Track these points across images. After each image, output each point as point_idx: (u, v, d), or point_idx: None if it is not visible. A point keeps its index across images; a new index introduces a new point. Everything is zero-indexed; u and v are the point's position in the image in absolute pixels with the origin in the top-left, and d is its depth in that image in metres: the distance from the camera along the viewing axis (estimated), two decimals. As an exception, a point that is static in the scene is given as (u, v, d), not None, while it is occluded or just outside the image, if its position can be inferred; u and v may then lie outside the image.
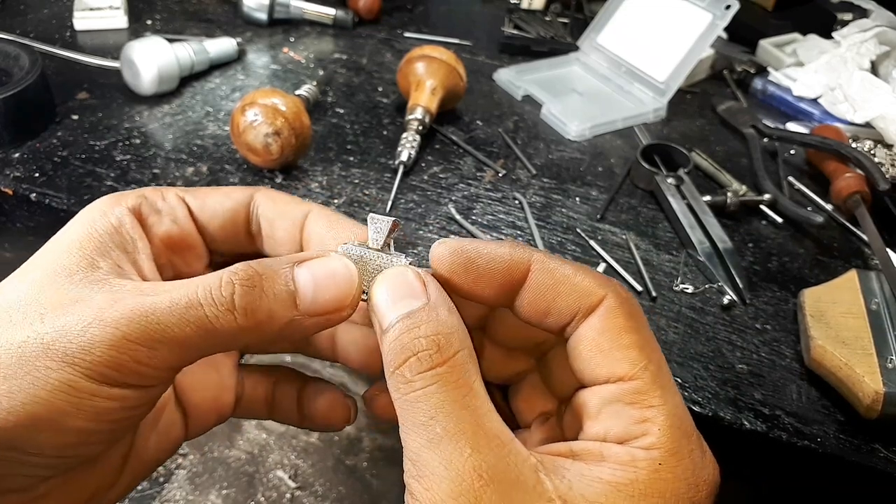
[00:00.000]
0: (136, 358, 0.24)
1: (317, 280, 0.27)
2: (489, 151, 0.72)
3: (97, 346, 0.24)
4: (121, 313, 0.24)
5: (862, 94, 0.80)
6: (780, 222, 0.66)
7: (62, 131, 0.66)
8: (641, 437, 0.26)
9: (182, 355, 0.26)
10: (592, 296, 0.28)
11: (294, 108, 0.61)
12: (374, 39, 0.93)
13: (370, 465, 1.39)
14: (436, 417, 0.25)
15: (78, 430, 0.24)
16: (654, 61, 0.82)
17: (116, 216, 0.30)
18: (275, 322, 0.26)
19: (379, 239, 0.30)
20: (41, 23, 0.85)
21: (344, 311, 0.28)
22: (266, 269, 0.27)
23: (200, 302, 0.25)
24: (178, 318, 0.25)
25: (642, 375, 0.27)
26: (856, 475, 0.46)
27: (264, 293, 0.26)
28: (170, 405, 0.33)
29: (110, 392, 0.24)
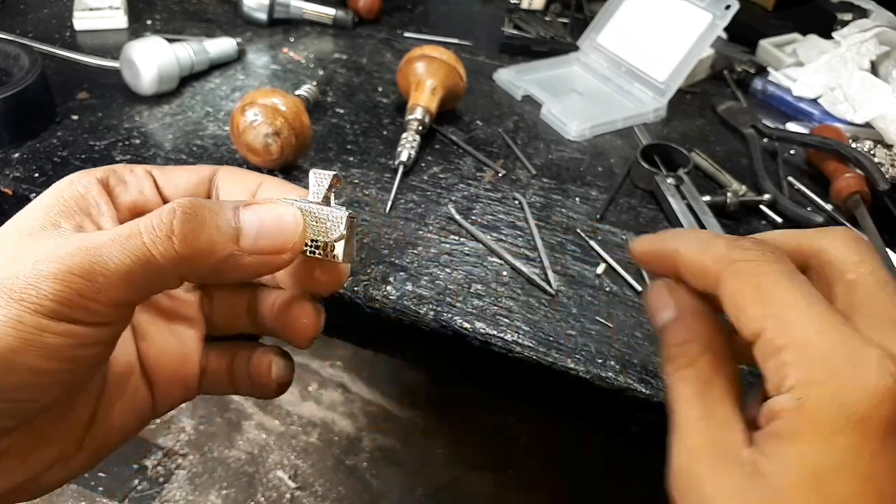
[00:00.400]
0: (81, 291, 0.25)
1: (261, 220, 0.28)
2: (489, 151, 0.72)
3: (42, 281, 0.24)
4: (66, 250, 0.25)
5: (862, 94, 0.80)
6: (780, 222, 0.66)
7: (62, 131, 0.66)
8: (782, 383, 0.26)
9: (125, 289, 0.26)
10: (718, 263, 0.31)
11: (294, 108, 0.61)
12: (374, 39, 0.93)
13: (370, 465, 1.40)
14: (676, 405, 0.30)
15: (29, 369, 0.25)
16: (654, 61, 0.82)
17: (84, 184, 0.31)
18: (214, 253, 0.27)
19: (319, 192, 0.31)
20: (41, 23, 0.85)
21: (284, 254, 0.29)
22: (211, 204, 0.28)
23: (140, 231, 0.26)
24: (119, 249, 0.26)
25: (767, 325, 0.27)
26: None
27: (206, 223, 0.27)
28: (135, 375, 0.34)
29: (58, 327, 0.25)
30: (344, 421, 1.46)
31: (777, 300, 0.27)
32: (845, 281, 0.29)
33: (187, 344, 0.36)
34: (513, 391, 0.53)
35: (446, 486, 1.36)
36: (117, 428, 0.33)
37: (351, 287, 0.52)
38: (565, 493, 1.37)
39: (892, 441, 0.25)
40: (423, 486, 1.36)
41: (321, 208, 0.31)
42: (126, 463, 1.34)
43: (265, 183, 0.35)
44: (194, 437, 1.41)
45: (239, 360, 0.37)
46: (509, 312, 0.52)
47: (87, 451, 0.31)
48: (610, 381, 0.47)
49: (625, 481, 1.37)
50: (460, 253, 0.57)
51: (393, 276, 0.53)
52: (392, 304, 0.51)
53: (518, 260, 0.57)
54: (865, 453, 0.24)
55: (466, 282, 0.54)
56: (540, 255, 0.58)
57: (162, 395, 0.35)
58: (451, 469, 1.38)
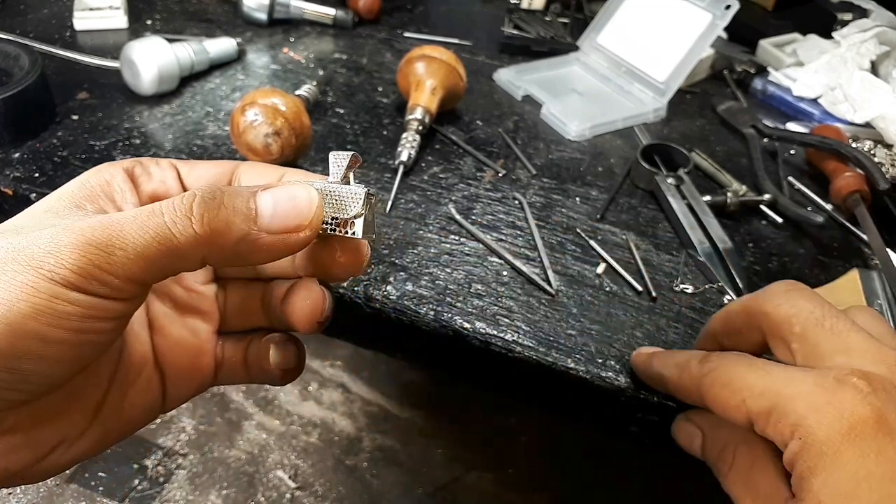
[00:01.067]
0: (97, 263, 0.25)
1: (277, 201, 0.29)
2: (489, 151, 0.72)
3: (61, 250, 0.25)
4: (87, 223, 0.26)
5: (862, 94, 0.80)
6: (780, 222, 0.66)
7: (62, 131, 0.66)
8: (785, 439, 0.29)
9: (142, 266, 0.26)
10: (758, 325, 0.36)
11: (294, 108, 0.61)
12: (374, 39, 0.93)
13: (370, 465, 1.40)
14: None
15: (39, 336, 0.25)
16: (654, 61, 0.82)
17: (110, 173, 0.32)
18: (232, 233, 0.27)
19: (339, 173, 0.32)
20: (41, 23, 0.85)
21: (302, 232, 0.29)
22: (229, 188, 0.29)
23: (161, 211, 0.27)
24: (139, 226, 0.26)
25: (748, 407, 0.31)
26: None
27: (224, 205, 0.28)
28: (148, 366, 0.34)
29: (72, 296, 0.25)
30: (344, 421, 1.46)
31: (745, 386, 0.32)
32: (794, 335, 0.33)
33: (202, 337, 0.36)
34: (513, 391, 0.53)
35: (446, 486, 1.36)
36: (126, 417, 0.33)
37: (351, 287, 0.52)
38: (565, 493, 1.37)
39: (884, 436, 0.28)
40: (423, 486, 1.36)
41: (340, 187, 0.31)
42: (126, 463, 1.34)
43: (287, 174, 0.36)
44: (194, 437, 1.41)
45: (252, 349, 0.38)
46: (509, 312, 0.52)
47: (93, 436, 0.31)
48: (610, 381, 0.47)
49: (625, 481, 1.37)
50: (460, 253, 0.57)
51: (393, 276, 0.53)
52: (392, 304, 0.51)
53: (518, 260, 0.57)
54: (870, 456, 0.27)
55: (466, 282, 0.54)
56: (540, 254, 0.58)
57: (174, 388, 0.35)
58: (451, 469, 1.38)
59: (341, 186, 0.31)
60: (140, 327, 0.34)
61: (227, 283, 0.38)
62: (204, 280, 0.37)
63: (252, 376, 0.38)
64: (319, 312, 0.34)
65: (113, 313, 0.27)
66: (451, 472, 1.38)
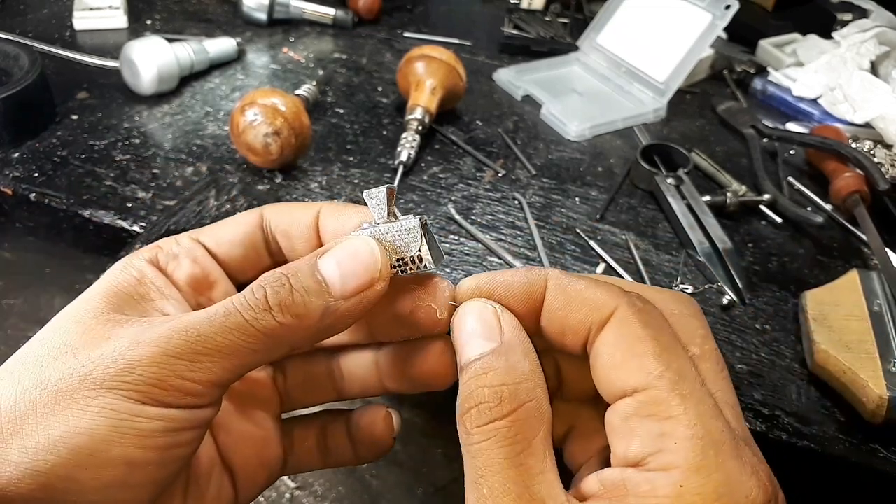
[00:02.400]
0: (179, 373, 0.24)
1: (340, 263, 0.27)
2: (489, 151, 0.72)
3: (137, 367, 0.23)
4: (159, 333, 0.24)
5: (862, 94, 0.80)
6: (780, 222, 0.66)
7: (62, 131, 0.66)
8: (658, 454, 0.23)
9: (226, 366, 0.25)
10: (603, 308, 0.27)
11: (294, 108, 0.60)
12: (373, 39, 0.93)
13: (370, 466, 1.39)
14: (484, 476, 0.24)
15: (125, 461, 0.23)
16: (654, 61, 0.82)
17: (137, 268, 0.30)
18: (312, 312, 0.26)
19: (382, 210, 0.30)
20: (41, 23, 0.85)
21: (376, 286, 0.28)
22: (290, 269, 0.27)
23: (237, 309, 0.25)
24: (220, 327, 0.25)
25: (657, 384, 0.24)
26: (856, 475, 0.46)
27: (294, 289, 0.26)
28: (216, 468, 0.32)
29: (153, 412, 0.24)
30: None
31: (677, 361, 0.25)
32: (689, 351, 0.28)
33: (265, 426, 0.34)
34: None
35: (446, 486, 1.36)
36: None
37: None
38: (565, 493, 1.37)
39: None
40: (423, 486, 1.36)
41: (391, 226, 0.29)
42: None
43: (321, 214, 0.33)
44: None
45: (333, 431, 0.35)
46: (509, 312, 0.51)
47: None
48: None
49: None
50: (460, 253, 0.57)
51: (393, 276, 0.53)
52: (392, 304, 0.51)
53: (518, 260, 0.57)
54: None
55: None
56: (539, 254, 0.58)
57: (245, 485, 0.33)
58: (451, 469, 1.38)
59: (392, 225, 0.29)
60: None
61: (284, 363, 0.36)
62: (257, 368, 0.34)
63: (331, 459, 0.36)
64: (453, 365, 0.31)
65: (197, 422, 0.26)
66: (451, 472, 1.38)
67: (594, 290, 0.27)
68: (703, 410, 0.24)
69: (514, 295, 0.28)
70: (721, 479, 0.22)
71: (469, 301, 0.29)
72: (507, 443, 0.24)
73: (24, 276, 1.32)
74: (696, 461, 0.23)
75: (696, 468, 0.23)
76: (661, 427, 0.24)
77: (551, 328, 0.28)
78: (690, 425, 0.23)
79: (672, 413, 0.24)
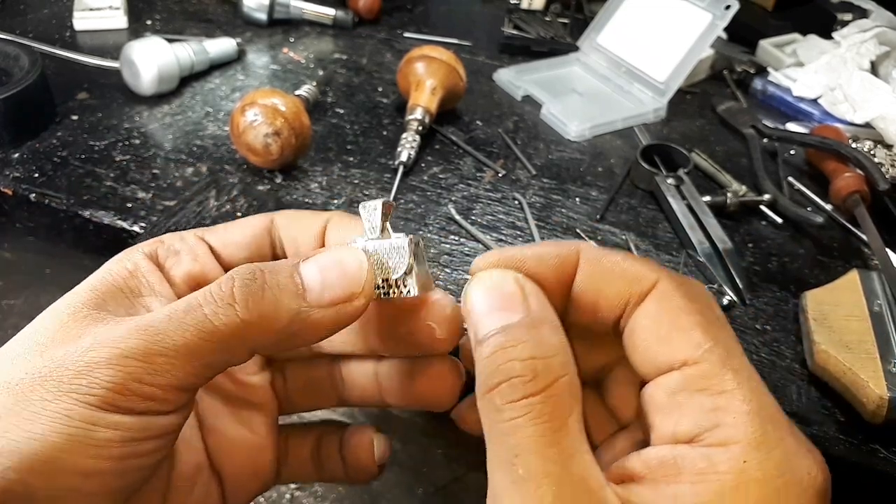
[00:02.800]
0: (137, 376, 0.22)
1: (323, 270, 0.26)
2: (489, 151, 0.72)
3: (94, 369, 0.22)
4: (118, 333, 0.23)
5: (862, 94, 0.80)
6: (780, 222, 0.66)
7: (62, 131, 0.66)
8: (715, 430, 0.22)
9: (186, 369, 0.23)
10: (644, 280, 0.25)
11: (294, 108, 0.60)
12: (374, 39, 0.93)
13: (370, 466, 1.39)
14: (520, 455, 0.22)
15: (77, 471, 0.22)
16: (654, 61, 0.82)
17: (133, 261, 0.29)
18: (281, 314, 0.24)
19: (375, 225, 0.28)
20: (41, 23, 0.85)
21: (356, 301, 0.26)
22: (268, 265, 0.26)
23: (199, 303, 0.24)
24: (177, 324, 0.23)
25: (708, 358, 0.23)
26: (856, 475, 0.46)
27: (267, 285, 0.25)
28: (203, 474, 0.31)
29: (110, 419, 0.22)
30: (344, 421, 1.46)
31: (724, 335, 0.24)
32: None
33: (259, 432, 0.32)
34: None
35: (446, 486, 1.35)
36: None
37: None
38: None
39: None
40: (423, 486, 1.36)
41: (381, 243, 0.27)
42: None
43: (330, 224, 0.31)
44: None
45: (327, 444, 0.34)
46: (509, 312, 0.51)
47: None
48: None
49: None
50: (460, 253, 0.57)
51: (393, 277, 0.53)
52: (392, 305, 0.51)
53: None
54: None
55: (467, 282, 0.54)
56: (540, 255, 0.58)
57: (234, 493, 0.31)
58: (451, 469, 1.38)
59: (382, 242, 0.27)
60: (190, 430, 0.31)
61: (284, 366, 0.34)
62: (253, 370, 0.33)
63: (325, 473, 0.34)
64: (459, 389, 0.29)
65: (158, 430, 0.24)
66: (451, 472, 1.38)
67: (632, 263, 0.26)
68: (755, 386, 0.23)
69: (545, 267, 0.26)
70: (781, 456, 0.21)
71: (487, 270, 0.26)
72: (544, 420, 0.22)
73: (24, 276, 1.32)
74: (756, 436, 0.21)
75: (756, 444, 0.21)
76: (715, 402, 0.22)
77: (583, 302, 0.26)
78: (746, 400, 0.22)
79: (725, 387, 0.22)
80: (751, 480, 0.20)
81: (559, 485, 0.21)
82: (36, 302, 1.14)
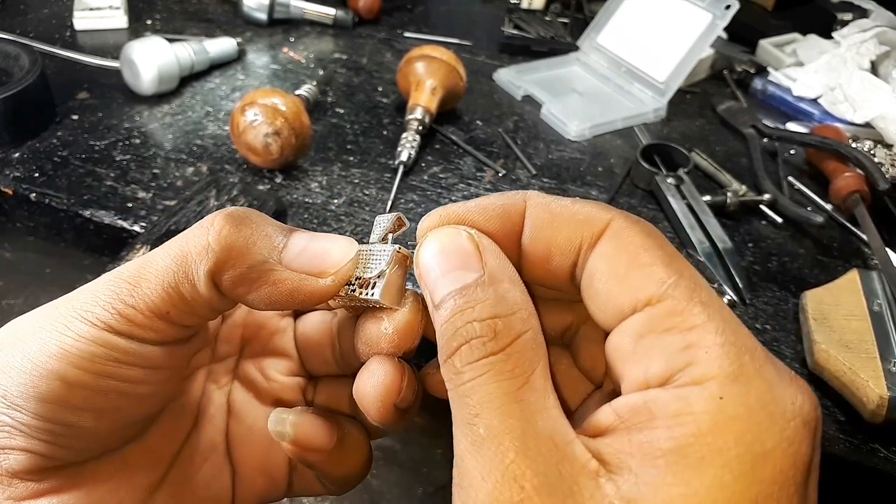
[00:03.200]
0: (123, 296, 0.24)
1: (311, 242, 0.26)
2: (489, 151, 0.72)
3: (98, 289, 0.24)
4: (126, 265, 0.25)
5: (862, 94, 0.80)
6: (780, 222, 0.66)
7: (62, 131, 0.66)
8: (687, 368, 0.20)
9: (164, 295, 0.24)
10: (596, 221, 0.24)
11: (294, 108, 0.60)
12: (374, 39, 0.93)
13: (370, 465, 1.39)
14: (480, 415, 0.21)
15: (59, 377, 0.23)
16: (654, 61, 0.82)
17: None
18: (249, 255, 0.25)
19: (379, 234, 0.28)
20: (41, 23, 0.85)
21: (323, 279, 0.25)
22: (265, 217, 0.26)
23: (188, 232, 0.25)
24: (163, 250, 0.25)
25: (673, 293, 0.21)
26: (856, 475, 0.46)
27: (253, 224, 0.25)
28: (217, 455, 0.31)
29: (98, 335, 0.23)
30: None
31: (688, 269, 0.22)
32: None
33: None
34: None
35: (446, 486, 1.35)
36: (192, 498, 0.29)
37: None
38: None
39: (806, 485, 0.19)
40: (423, 486, 1.36)
41: (374, 246, 0.27)
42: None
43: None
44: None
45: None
46: (509, 312, 0.51)
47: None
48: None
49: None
50: (460, 253, 0.57)
51: (393, 276, 0.53)
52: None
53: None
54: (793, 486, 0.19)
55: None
56: (540, 254, 0.58)
57: (244, 484, 0.31)
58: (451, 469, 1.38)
59: (375, 245, 0.28)
60: (217, 410, 0.32)
61: (319, 380, 0.34)
62: (287, 372, 0.33)
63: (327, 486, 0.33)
64: (393, 393, 0.27)
65: (143, 359, 0.25)
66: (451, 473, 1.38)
67: (582, 205, 0.24)
68: (727, 316, 0.21)
69: (490, 219, 0.25)
70: (763, 387, 0.19)
71: (437, 228, 0.25)
72: (506, 377, 0.21)
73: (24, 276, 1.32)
74: (732, 369, 0.19)
75: (733, 377, 0.19)
76: (686, 339, 0.20)
77: (535, 251, 0.25)
78: (719, 332, 0.20)
79: (695, 322, 0.20)
80: (729, 417, 0.19)
81: (522, 440, 0.20)
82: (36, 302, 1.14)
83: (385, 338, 0.27)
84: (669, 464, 0.19)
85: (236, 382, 0.33)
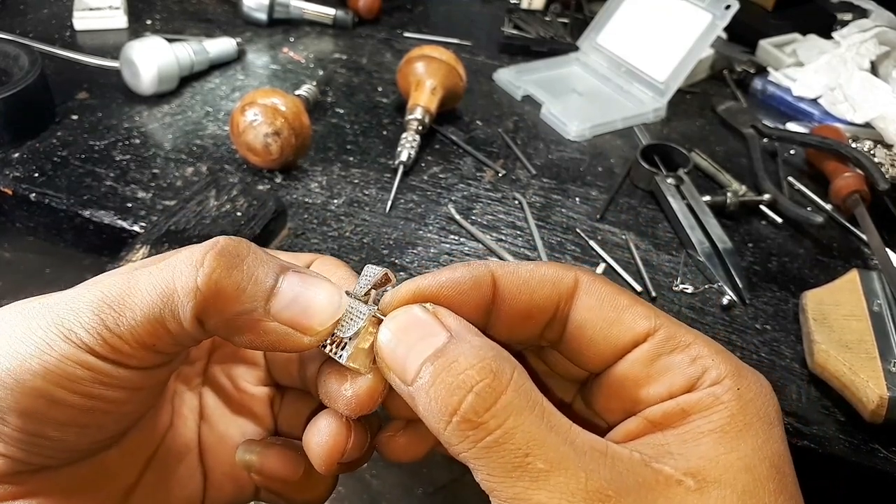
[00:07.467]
0: (108, 324, 0.23)
1: (301, 291, 0.25)
2: (489, 151, 0.72)
3: (81, 308, 0.23)
4: (113, 278, 0.24)
5: (862, 94, 0.80)
6: (780, 222, 0.66)
7: (62, 131, 0.66)
8: (705, 374, 0.25)
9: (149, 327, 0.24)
10: (565, 280, 0.27)
11: (294, 108, 0.60)
12: (374, 39, 0.93)
13: (370, 465, 1.39)
14: (532, 453, 0.21)
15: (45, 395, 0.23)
16: (654, 61, 0.82)
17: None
18: (238, 303, 0.24)
19: (363, 287, 0.27)
20: (41, 23, 0.85)
21: (307, 337, 0.25)
22: (259, 251, 0.25)
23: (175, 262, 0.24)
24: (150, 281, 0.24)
25: (662, 322, 0.26)
26: (856, 475, 0.46)
27: (244, 267, 0.24)
28: (191, 456, 0.32)
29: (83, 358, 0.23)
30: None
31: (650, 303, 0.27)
32: None
33: (247, 437, 0.33)
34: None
35: (446, 486, 1.36)
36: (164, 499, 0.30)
37: (351, 287, 0.51)
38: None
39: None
40: (423, 486, 1.36)
41: (354, 302, 0.27)
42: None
43: (318, 262, 0.31)
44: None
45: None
46: (509, 312, 0.51)
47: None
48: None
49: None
50: (460, 253, 0.57)
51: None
52: (392, 304, 0.51)
53: (518, 260, 0.57)
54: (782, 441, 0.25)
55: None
56: (540, 254, 0.58)
57: (213, 488, 0.32)
58: (451, 469, 1.38)
59: (353, 302, 0.27)
60: (189, 412, 0.32)
61: (286, 390, 0.34)
62: (255, 381, 0.34)
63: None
64: (337, 452, 0.27)
65: (125, 382, 0.24)
66: (451, 472, 1.38)
67: (547, 268, 0.27)
68: (699, 334, 0.27)
69: (463, 293, 0.26)
70: (751, 375, 0.25)
71: (392, 312, 0.26)
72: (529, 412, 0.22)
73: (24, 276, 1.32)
74: (732, 368, 0.25)
75: (737, 373, 0.25)
76: (690, 354, 0.26)
77: (513, 312, 0.27)
78: (707, 344, 0.26)
79: (689, 341, 0.26)
80: (748, 401, 0.24)
81: (580, 459, 0.22)
82: (36, 302, 1.14)
83: (342, 399, 0.26)
84: (715, 440, 0.24)
85: (207, 388, 0.33)
